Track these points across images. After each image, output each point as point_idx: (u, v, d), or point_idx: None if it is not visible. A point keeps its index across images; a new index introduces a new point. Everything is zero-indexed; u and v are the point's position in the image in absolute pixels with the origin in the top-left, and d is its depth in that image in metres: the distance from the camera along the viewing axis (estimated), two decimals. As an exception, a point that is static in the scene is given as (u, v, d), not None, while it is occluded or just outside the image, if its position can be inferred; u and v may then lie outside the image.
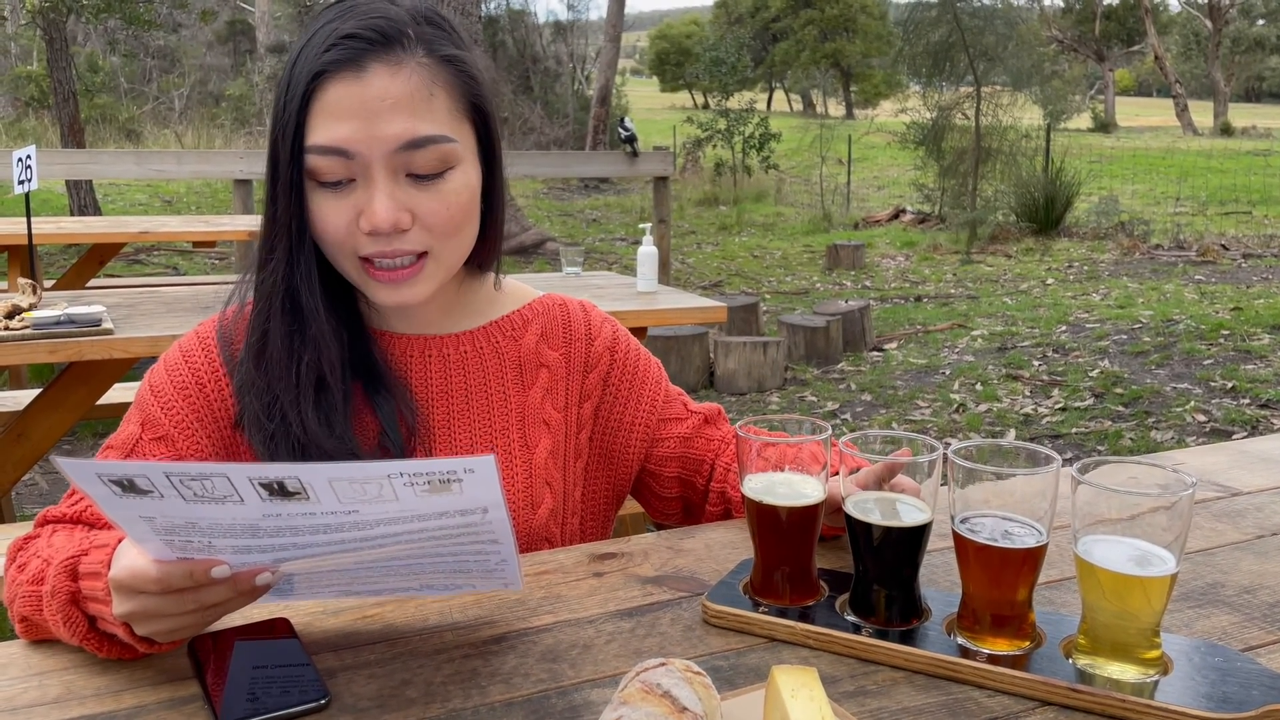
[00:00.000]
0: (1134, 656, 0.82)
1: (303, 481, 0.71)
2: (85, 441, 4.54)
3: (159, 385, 1.06)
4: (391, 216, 0.97)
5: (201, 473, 0.70)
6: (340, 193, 0.98)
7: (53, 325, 2.35)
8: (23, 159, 2.85)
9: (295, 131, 0.96)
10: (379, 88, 0.96)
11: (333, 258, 1.02)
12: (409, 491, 0.73)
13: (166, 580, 0.77)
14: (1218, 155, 18.67)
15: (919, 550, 0.90)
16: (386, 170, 0.97)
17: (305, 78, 0.96)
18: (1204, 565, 1.07)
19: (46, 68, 12.52)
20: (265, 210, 1.02)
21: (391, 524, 0.77)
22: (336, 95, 0.96)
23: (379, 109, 0.95)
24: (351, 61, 0.95)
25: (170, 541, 0.76)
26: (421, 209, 0.99)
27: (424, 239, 1.00)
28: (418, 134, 0.97)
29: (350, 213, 0.98)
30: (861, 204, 14.59)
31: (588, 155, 11.61)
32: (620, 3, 17.39)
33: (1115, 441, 4.58)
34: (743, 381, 5.52)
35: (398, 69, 0.96)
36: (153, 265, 9.22)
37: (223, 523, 0.74)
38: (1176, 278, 8.75)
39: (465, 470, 0.72)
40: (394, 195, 0.97)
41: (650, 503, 1.26)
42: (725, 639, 0.91)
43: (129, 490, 0.71)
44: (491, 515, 0.78)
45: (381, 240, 0.99)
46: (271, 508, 0.73)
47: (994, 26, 11.25)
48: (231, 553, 0.78)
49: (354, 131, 0.95)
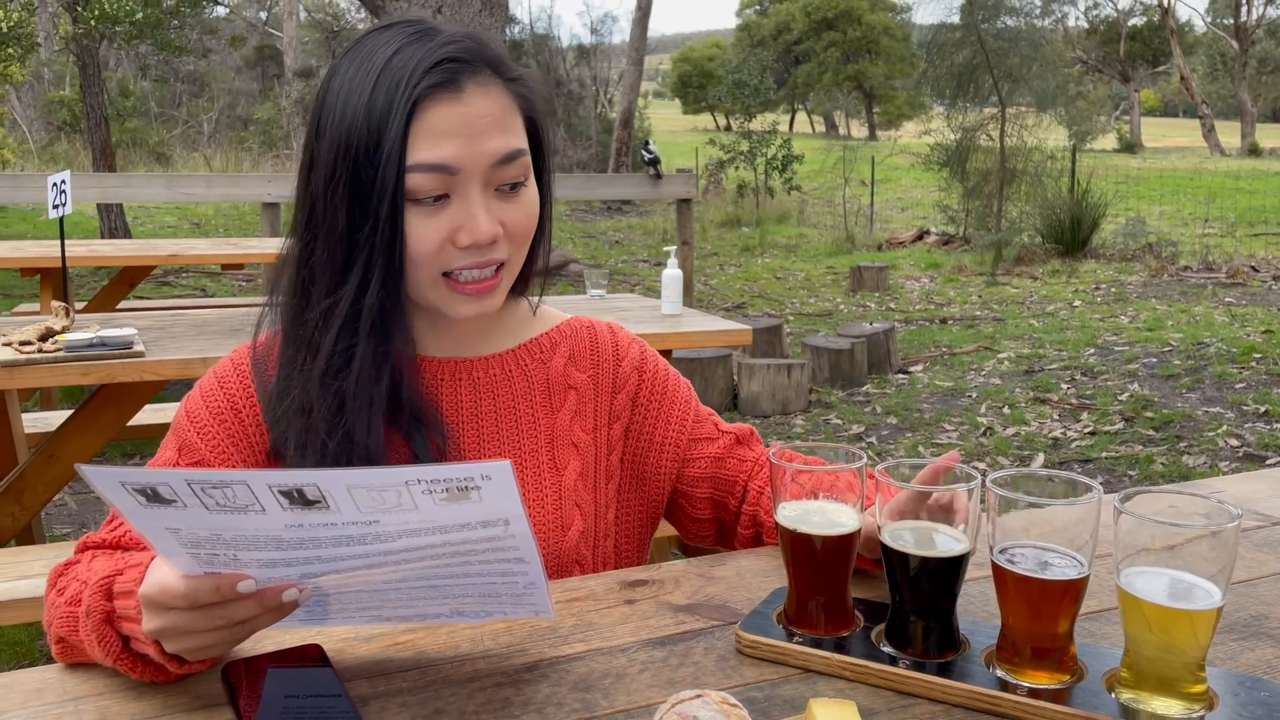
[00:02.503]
0: (1178, 691, 0.80)
1: (321, 489, 0.72)
2: (114, 462, 4.58)
3: (195, 411, 1.07)
4: (492, 229, 1.02)
5: (222, 480, 0.71)
6: (435, 210, 1.01)
7: (85, 348, 2.37)
8: (57, 184, 2.89)
9: (399, 154, 0.98)
10: (478, 106, 1.00)
11: (416, 279, 1.03)
12: (428, 500, 0.73)
13: (194, 595, 0.78)
14: (1246, 176, 18.50)
15: (957, 581, 0.89)
16: (482, 184, 1.01)
17: (405, 101, 0.97)
18: (1247, 597, 1.05)
19: (79, 92, 12.75)
20: (336, 233, 1.00)
21: (413, 535, 0.77)
22: (439, 115, 0.99)
23: (481, 126, 1.00)
24: (451, 83, 0.99)
25: (197, 555, 0.77)
26: (509, 219, 1.04)
27: (506, 249, 1.05)
28: (511, 148, 1.02)
29: (445, 229, 1.01)
30: (885, 225, 14.55)
31: (611, 177, 11.66)
32: (643, 26, 17.52)
33: (1146, 466, 4.52)
34: (767, 404, 5.50)
35: (488, 88, 1.02)
36: (182, 287, 9.33)
37: (246, 534, 0.75)
38: (1206, 300, 8.65)
39: (482, 476, 0.72)
40: (489, 209, 1.02)
41: (684, 524, 1.25)
42: (759, 669, 0.90)
43: (153, 500, 0.73)
44: (514, 528, 0.78)
45: (475, 252, 1.02)
46: (293, 518, 0.74)
47: (1018, 48, 11.22)
48: (257, 567, 0.79)
49: (459, 148, 0.99)
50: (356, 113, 0.98)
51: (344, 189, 0.99)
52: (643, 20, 17.55)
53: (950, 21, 11.71)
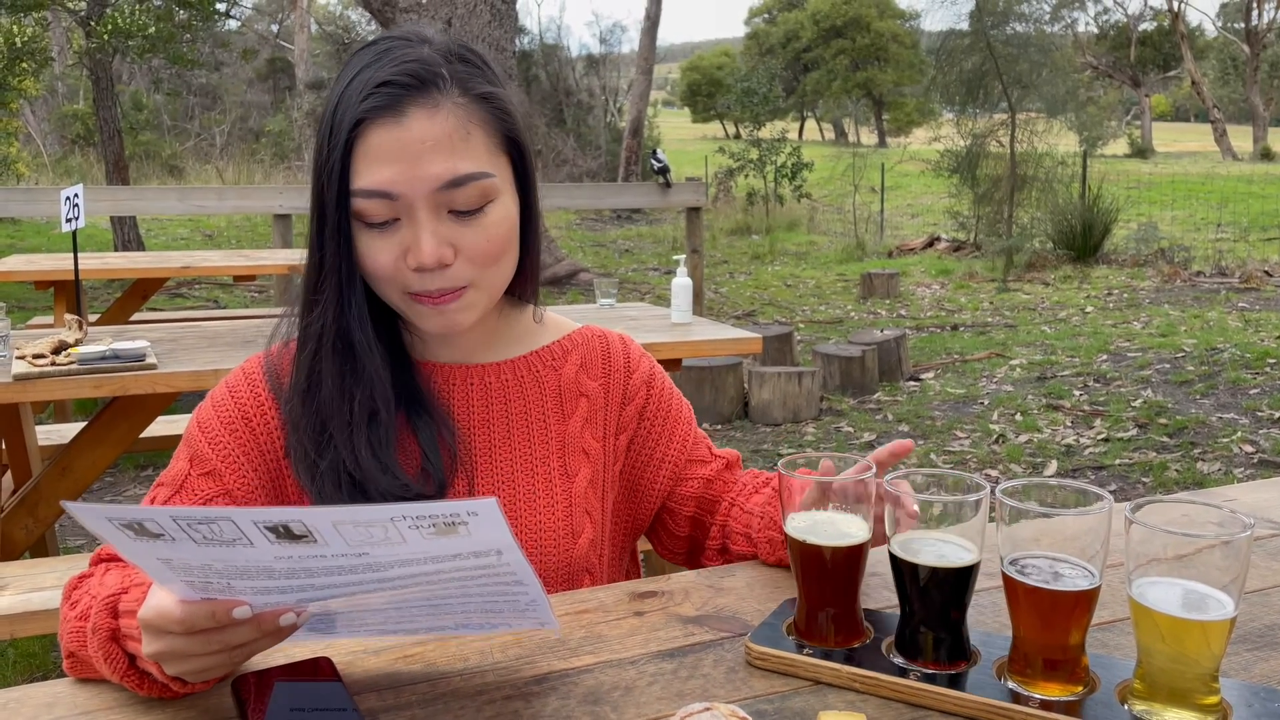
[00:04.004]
0: (1192, 702, 0.79)
1: (307, 525, 0.71)
2: (127, 474, 4.59)
3: (206, 422, 1.08)
4: (436, 253, 0.99)
5: (207, 517, 0.71)
6: (386, 232, 1.00)
7: (98, 360, 2.39)
8: (70, 198, 2.91)
9: (340, 176, 0.98)
10: (418, 131, 0.98)
11: (382, 293, 1.04)
12: (415, 534, 0.73)
13: (190, 621, 0.78)
14: (1259, 180, 18.40)
15: (967, 591, 0.88)
16: (429, 209, 0.99)
17: (347, 125, 0.98)
18: (1260, 606, 1.04)
19: (93, 106, 12.85)
20: (310, 253, 1.03)
21: (405, 565, 0.77)
22: (378, 140, 0.98)
23: (420, 151, 0.98)
24: (390, 107, 0.98)
25: (191, 582, 0.77)
26: (464, 243, 1.01)
27: (468, 272, 1.02)
28: (457, 173, 0.99)
29: (396, 250, 1.00)
30: (895, 232, 14.53)
31: (620, 187, 11.68)
32: (652, 35, 17.56)
33: (1160, 473, 4.49)
34: (778, 412, 5.49)
35: (435, 111, 0.99)
36: (194, 299, 9.37)
37: (237, 564, 0.75)
38: (1219, 305, 8.60)
39: (469, 513, 0.72)
40: (437, 232, 1.00)
41: (661, 539, 1.26)
42: (769, 681, 0.90)
43: (141, 534, 0.72)
44: (507, 557, 0.78)
45: (428, 278, 1.01)
46: (281, 550, 0.73)
47: (1028, 54, 11.20)
48: (252, 593, 0.78)
49: (397, 174, 0.97)
50: (323, 132, 1.00)
51: (313, 206, 1.02)
52: (651, 29, 17.60)
53: (959, 28, 11.70)
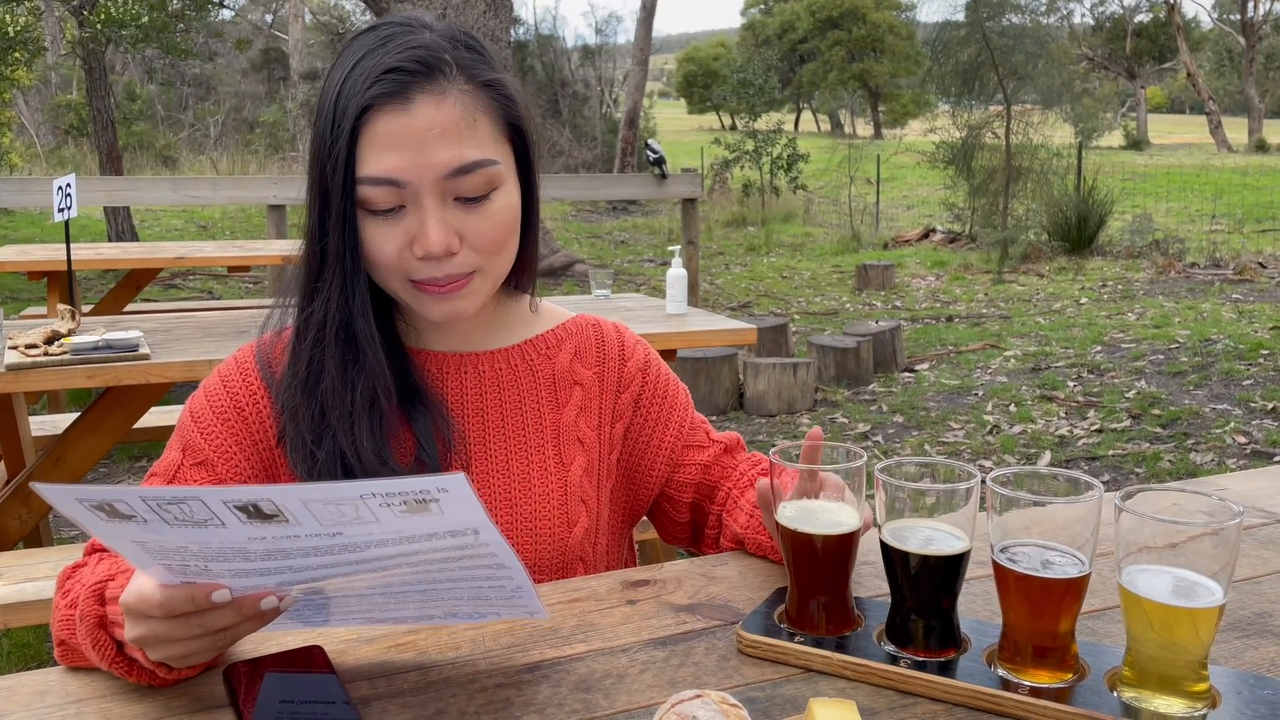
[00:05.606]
0: (1181, 689, 0.80)
1: (277, 504, 0.71)
2: (121, 464, 4.59)
3: (199, 411, 1.08)
4: (443, 240, 0.99)
5: (176, 497, 0.70)
6: (390, 220, 1.00)
7: (91, 351, 2.38)
8: (62, 187, 2.90)
9: (346, 164, 0.97)
10: (425, 118, 0.97)
11: (383, 282, 1.04)
12: (387, 512, 0.72)
13: (169, 605, 0.78)
14: (1253, 172, 18.43)
15: (957, 579, 0.89)
16: (436, 196, 0.99)
17: (352, 112, 0.97)
18: (1250, 594, 1.04)
19: (86, 96, 12.80)
20: (309, 242, 1.02)
21: (381, 545, 0.76)
22: (385, 127, 0.97)
23: (427, 138, 0.97)
24: (397, 94, 0.97)
25: (169, 565, 0.77)
26: (469, 230, 1.01)
27: (473, 259, 1.02)
28: (464, 160, 0.99)
29: (402, 239, 1.00)
30: (891, 224, 14.53)
31: (616, 178, 11.66)
32: (648, 26, 17.50)
33: (1154, 464, 4.51)
34: (773, 403, 5.50)
35: (442, 98, 0.98)
36: (188, 290, 9.35)
37: (213, 546, 0.74)
38: (1213, 297, 8.62)
39: (439, 489, 0.71)
40: (444, 220, 0.99)
41: (663, 525, 1.27)
42: (760, 669, 0.90)
43: (113, 515, 0.72)
44: (485, 537, 0.77)
45: (434, 265, 1.00)
46: (254, 530, 0.72)
47: (1023, 45, 11.18)
48: (230, 576, 0.78)
49: (404, 161, 0.97)
50: (325, 120, 0.99)
51: (314, 195, 1.00)
52: (647, 20, 17.54)
53: (955, 19, 11.66)
